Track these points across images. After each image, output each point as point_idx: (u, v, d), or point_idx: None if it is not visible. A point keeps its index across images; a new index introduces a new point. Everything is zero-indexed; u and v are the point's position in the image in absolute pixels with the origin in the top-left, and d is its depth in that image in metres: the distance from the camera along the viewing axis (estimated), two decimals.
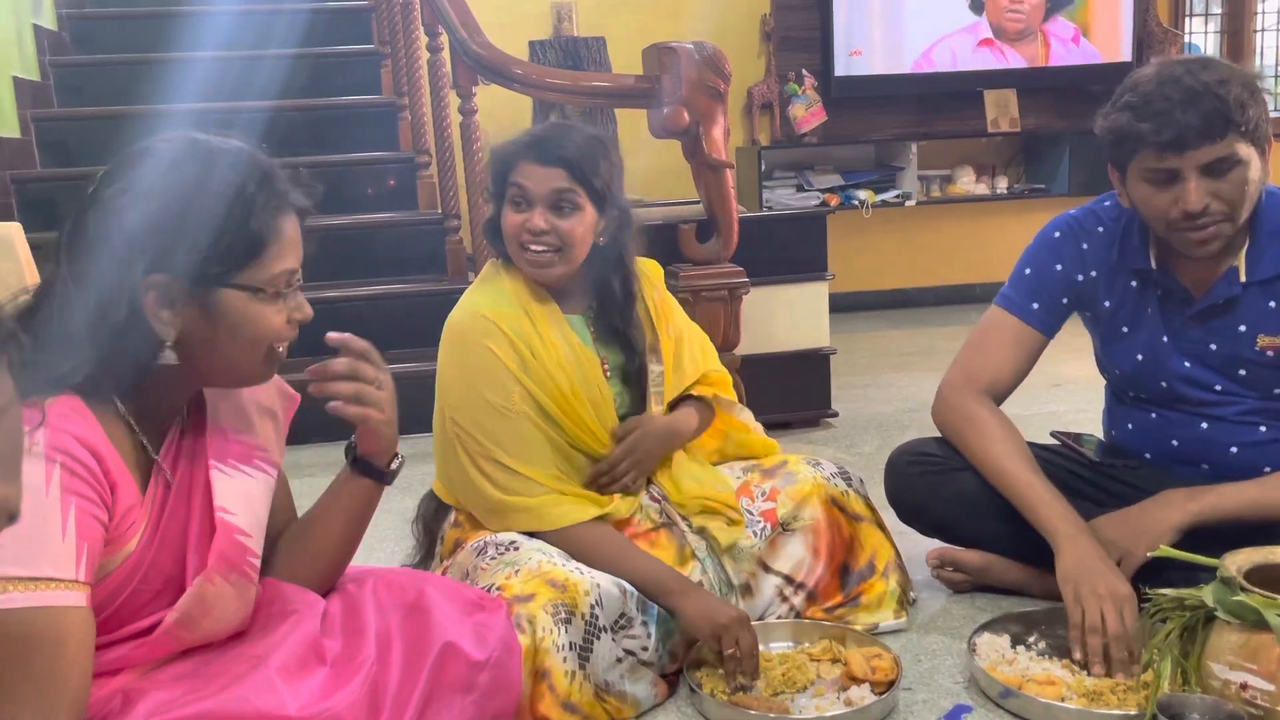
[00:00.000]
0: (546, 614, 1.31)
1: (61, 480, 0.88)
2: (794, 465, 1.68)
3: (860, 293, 5.14)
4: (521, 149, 1.54)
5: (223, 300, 0.99)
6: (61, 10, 4.06)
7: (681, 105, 2.67)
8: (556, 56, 4.59)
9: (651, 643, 1.44)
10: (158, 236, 0.95)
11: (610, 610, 1.38)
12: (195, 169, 0.98)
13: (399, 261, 3.46)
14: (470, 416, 1.49)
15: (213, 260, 0.97)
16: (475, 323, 1.52)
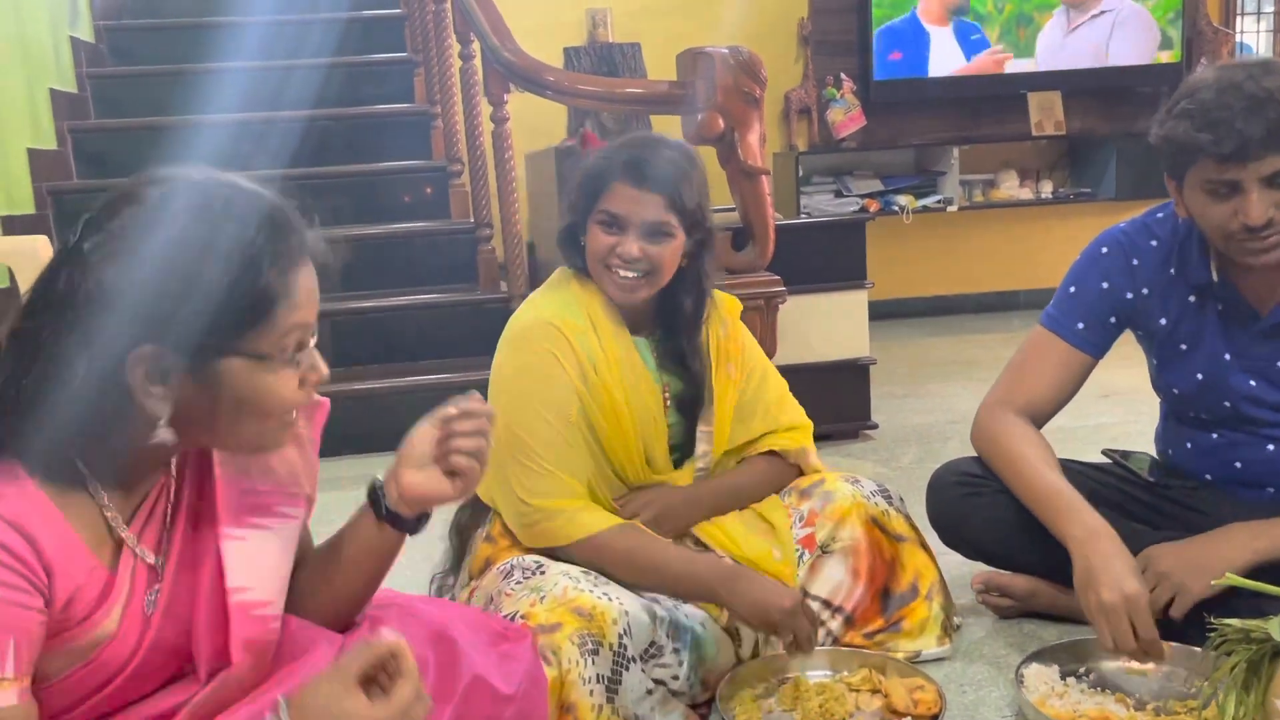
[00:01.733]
0: (573, 645, 1.25)
1: None
2: (831, 484, 1.61)
3: (900, 300, 5.05)
4: (617, 169, 1.45)
5: (224, 371, 0.84)
6: (99, 22, 4.09)
7: (716, 111, 2.62)
8: (591, 63, 4.56)
9: (683, 671, 1.38)
10: (146, 302, 0.81)
11: (639, 639, 1.32)
12: (190, 220, 0.83)
13: (431, 271, 3.43)
14: (521, 419, 1.43)
15: (212, 327, 0.82)
16: (541, 328, 1.46)
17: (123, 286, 0.81)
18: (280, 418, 0.90)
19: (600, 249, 1.46)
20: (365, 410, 3.12)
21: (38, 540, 0.81)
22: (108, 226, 0.83)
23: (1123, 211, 5.14)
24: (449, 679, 1.06)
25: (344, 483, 2.74)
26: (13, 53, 3.24)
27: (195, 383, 0.84)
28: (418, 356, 3.17)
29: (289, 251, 0.87)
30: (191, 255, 0.82)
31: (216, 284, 0.82)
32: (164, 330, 0.81)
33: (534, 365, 1.45)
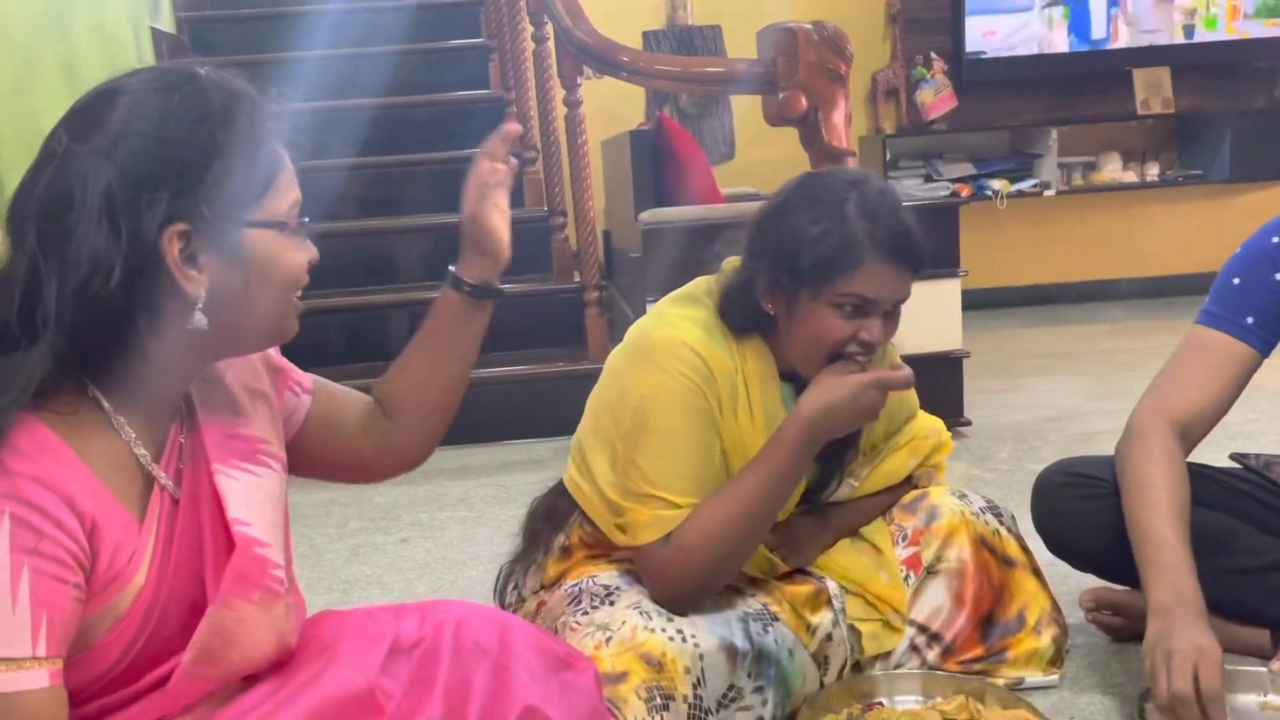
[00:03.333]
0: (640, 700, 1.13)
1: (11, 539, 0.73)
2: (936, 497, 1.46)
3: (994, 289, 4.82)
4: (873, 245, 1.21)
5: (250, 242, 0.85)
6: (180, 14, 4.12)
7: (798, 90, 2.49)
8: (670, 47, 4.45)
9: (769, 711, 1.26)
10: (169, 179, 0.80)
11: (715, 686, 1.20)
12: (187, 99, 0.83)
13: None
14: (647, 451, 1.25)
15: (232, 197, 0.83)
16: (684, 354, 1.26)
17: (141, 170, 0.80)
18: (296, 291, 0.91)
19: (836, 336, 1.23)
20: None
21: (75, 500, 0.77)
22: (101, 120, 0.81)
23: (1236, 195, 4.91)
24: (498, 706, 0.97)
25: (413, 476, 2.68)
26: (93, 43, 3.26)
27: (222, 258, 0.84)
28: (490, 348, 3.10)
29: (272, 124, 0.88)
30: (198, 132, 0.82)
31: (226, 157, 0.82)
32: (188, 206, 0.81)
33: (672, 395, 1.25)
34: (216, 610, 0.87)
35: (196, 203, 0.81)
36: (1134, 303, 4.90)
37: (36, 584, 0.74)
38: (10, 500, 0.73)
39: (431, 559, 2.07)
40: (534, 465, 2.64)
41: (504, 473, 2.62)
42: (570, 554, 1.40)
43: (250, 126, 0.85)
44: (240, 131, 0.83)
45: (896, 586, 1.40)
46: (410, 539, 2.19)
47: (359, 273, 3.36)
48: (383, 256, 3.42)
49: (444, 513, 2.35)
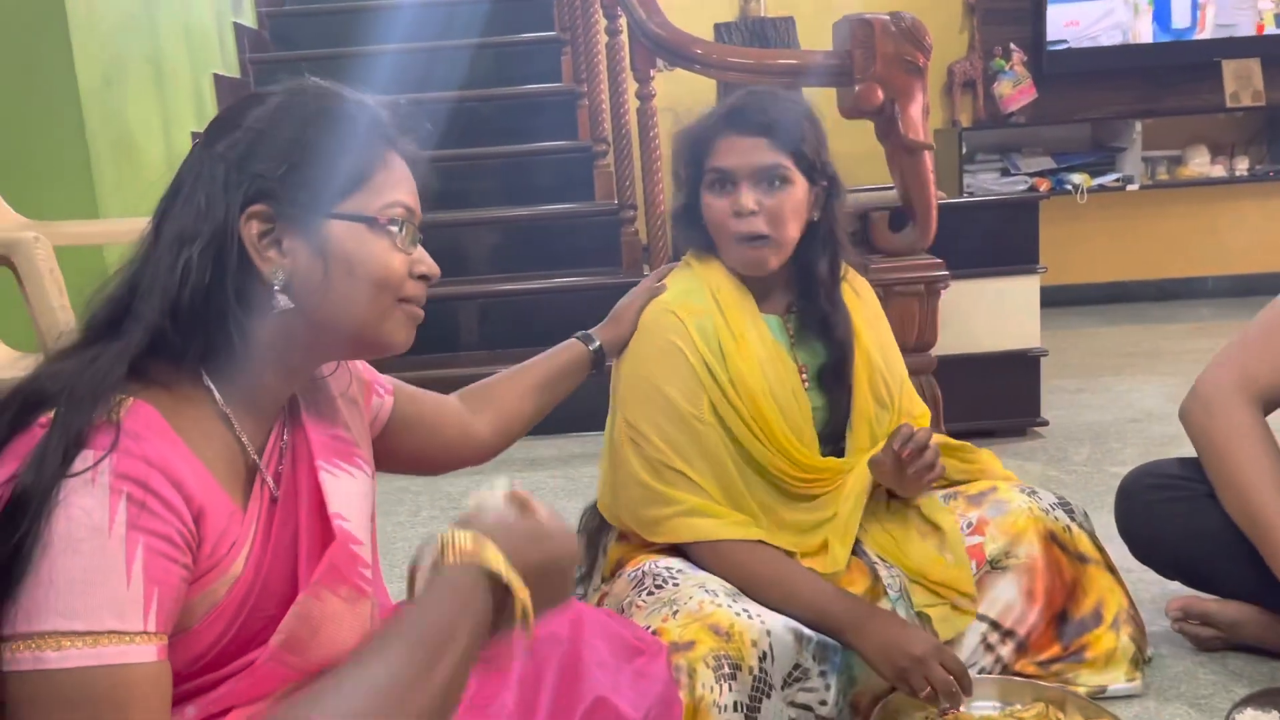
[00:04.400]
0: (708, 668, 1.14)
1: (128, 515, 0.74)
2: (1005, 493, 1.43)
3: (1073, 286, 4.71)
4: (718, 121, 1.37)
5: (331, 233, 0.86)
6: (261, 9, 4.20)
7: (875, 82, 2.45)
8: (743, 39, 4.41)
9: (831, 696, 1.25)
10: (256, 165, 0.84)
11: (783, 663, 1.20)
12: (295, 101, 0.88)
13: (574, 253, 3.37)
14: (641, 412, 1.34)
15: (317, 186, 0.85)
16: (662, 317, 1.37)
17: (234, 157, 0.85)
18: (393, 294, 0.90)
19: (717, 214, 1.36)
20: None
21: (184, 484, 0.78)
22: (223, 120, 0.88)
23: None
24: (569, 696, 0.98)
25: (483, 467, 2.71)
26: (178, 39, 3.34)
27: (306, 246, 0.86)
28: (559, 340, 3.12)
29: (382, 131, 0.90)
30: (294, 126, 0.86)
31: (316, 149, 0.86)
32: (272, 190, 0.84)
33: (653, 356, 1.36)
34: (306, 599, 0.87)
35: (283, 188, 0.84)
36: (1220, 301, 4.74)
37: (149, 561, 0.75)
38: (126, 481, 0.75)
39: None
40: (595, 458, 2.63)
41: (571, 465, 2.63)
42: (628, 540, 1.41)
43: (346, 124, 0.87)
44: (334, 128, 0.86)
45: (961, 565, 1.37)
46: None
47: None
48: (453, 249, 3.45)
49: None
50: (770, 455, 1.35)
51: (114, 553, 0.73)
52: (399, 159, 0.91)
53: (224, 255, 0.83)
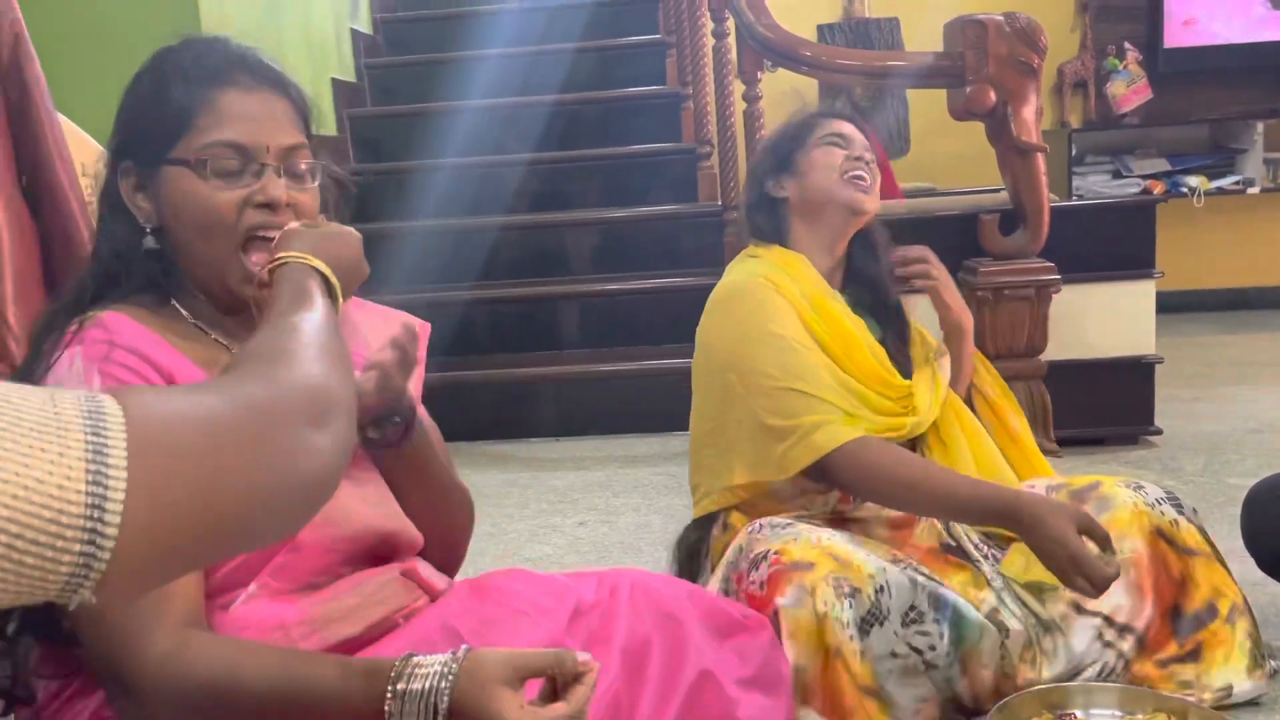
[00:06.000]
0: (828, 586, 1.19)
1: (103, 385, 0.84)
2: (1109, 488, 1.43)
3: (1189, 292, 4.55)
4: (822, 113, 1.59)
5: (165, 179, 0.93)
6: (376, 15, 4.34)
7: (987, 83, 2.43)
8: (846, 40, 4.38)
9: (943, 645, 1.26)
10: (120, 125, 0.96)
11: (899, 600, 1.24)
12: (152, 58, 0.97)
13: (676, 254, 3.41)
14: (758, 356, 1.41)
15: (148, 138, 0.93)
16: (754, 282, 1.48)
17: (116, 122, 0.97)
18: (227, 232, 0.92)
19: (836, 162, 1.51)
20: (608, 392, 3.14)
21: (151, 356, 0.89)
22: None
23: None
24: (674, 669, 1.01)
25: (588, 463, 2.77)
26: (299, 45, 3.48)
27: (155, 192, 0.94)
28: (659, 340, 3.15)
29: (203, 72, 0.93)
30: (133, 87, 0.96)
31: (141, 104, 0.95)
32: (128, 148, 0.95)
33: (749, 310, 1.45)
34: None
35: (131, 145, 0.95)
36: None
37: None
38: (98, 360, 0.86)
39: (609, 543, 2.13)
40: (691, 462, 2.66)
41: (674, 462, 2.66)
42: (733, 529, 1.45)
43: (161, 76, 0.94)
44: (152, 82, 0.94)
45: None
46: (587, 522, 2.26)
47: (531, 265, 3.46)
48: (554, 249, 3.52)
49: (618, 499, 2.40)
50: (869, 380, 1.46)
51: None
52: (233, 95, 0.93)
53: (117, 206, 0.95)
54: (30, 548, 0.46)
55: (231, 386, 0.61)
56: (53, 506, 0.47)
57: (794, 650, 1.18)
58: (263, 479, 0.56)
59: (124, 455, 0.49)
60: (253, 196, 0.92)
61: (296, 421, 0.60)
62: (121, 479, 0.49)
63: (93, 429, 0.49)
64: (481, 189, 3.52)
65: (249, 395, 0.60)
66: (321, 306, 0.78)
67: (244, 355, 0.69)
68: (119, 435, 0.50)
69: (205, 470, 0.53)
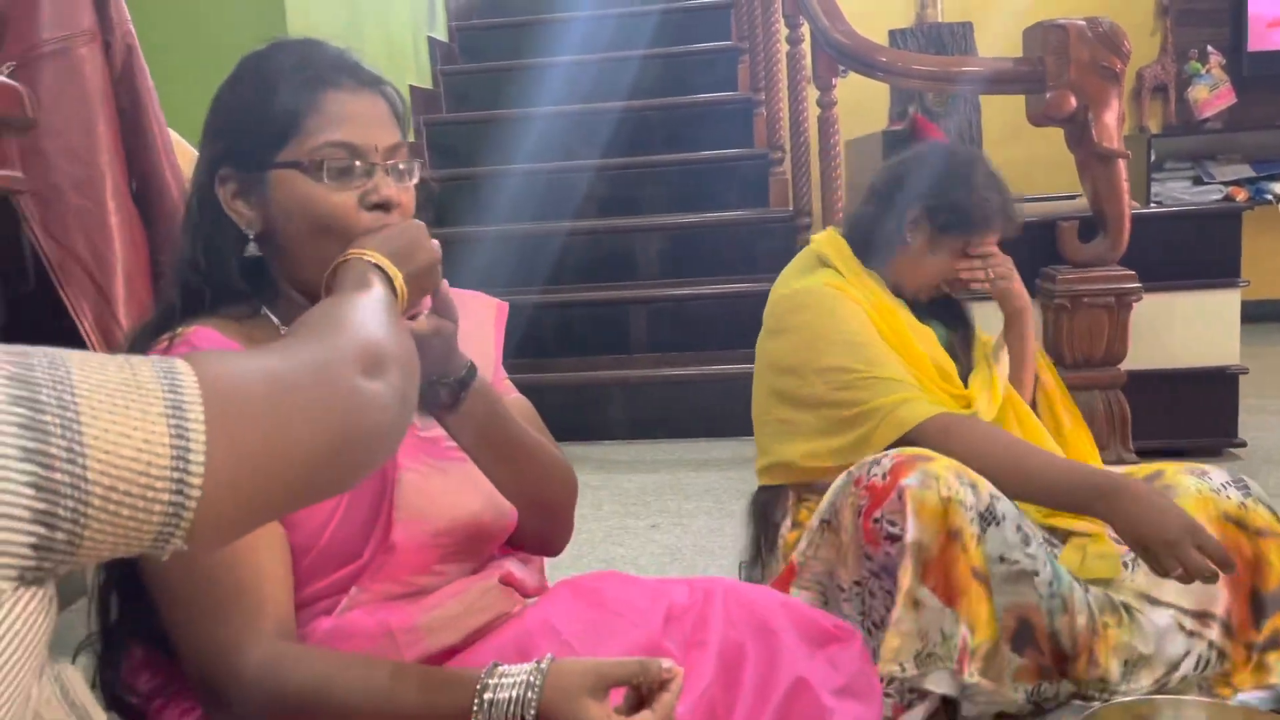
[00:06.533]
0: (951, 475, 1.23)
1: None
2: (1172, 477, 1.41)
3: (1273, 302, 4.43)
4: (1002, 218, 1.58)
5: (273, 183, 0.92)
6: (452, 23, 4.42)
7: (1067, 89, 2.40)
8: (919, 45, 4.36)
9: (1045, 575, 1.29)
10: (215, 133, 0.96)
11: (1011, 515, 1.27)
12: (245, 63, 0.96)
13: (747, 260, 3.41)
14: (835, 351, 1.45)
15: (254, 143, 0.92)
16: (816, 289, 1.51)
17: (208, 127, 0.97)
18: (339, 234, 0.91)
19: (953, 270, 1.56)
20: (679, 396, 3.16)
21: None
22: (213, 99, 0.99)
23: None
24: (768, 676, 1.01)
25: (658, 466, 2.79)
26: (379, 53, 3.56)
27: (261, 197, 0.93)
28: (731, 344, 3.16)
29: (309, 74, 0.93)
30: (233, 90, 0.95)
31: (247, 108, 0.93)
32: (228, 153, 0.94)
33: (829, 311, 1.48)
34: (401, 474, 0.95)
35: (234, 150, 0.94)
36: None
37: None
38: None
39: (682, 545, 2.14)
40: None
41: (746, 467, 2.64)
42: (803, 527, 1.45)
43: (264, 78, 0.93)
44: (254, 84, 0.93)
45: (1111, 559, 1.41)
46: (660, 525, 2.28)
47: (602, 269, 3.50)
48: (623, 254, 3.54)
49: (690, 503, 2.42)
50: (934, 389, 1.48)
51: None
52: (340, 96, 0.92)
53: (214, 214, 0.94)
54: (124, 499, 0.50)
55: (290, 346, 0.66)
56: (142, 459, 0.50)
57: (917, 528, 1.23)
58: (325, 427, 0.60)
59: (200, 411, 0.53)
60: (366, 196, 0.92)
61: (351, 372, 0.63)
62: (200, 432, 0.52)
63: (170, 387, 0.53)
64: (553, 194, 3.56)
65: (307, 352, 0.64)
66: (379, 291, 0.79)
67: (300, 322, 0.72)
68: (194, 393, 0.53)
69: (273, 422, 0.57)
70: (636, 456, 2.88)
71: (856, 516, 1.31)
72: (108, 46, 1.30)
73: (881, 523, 1.27)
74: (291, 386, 0.60)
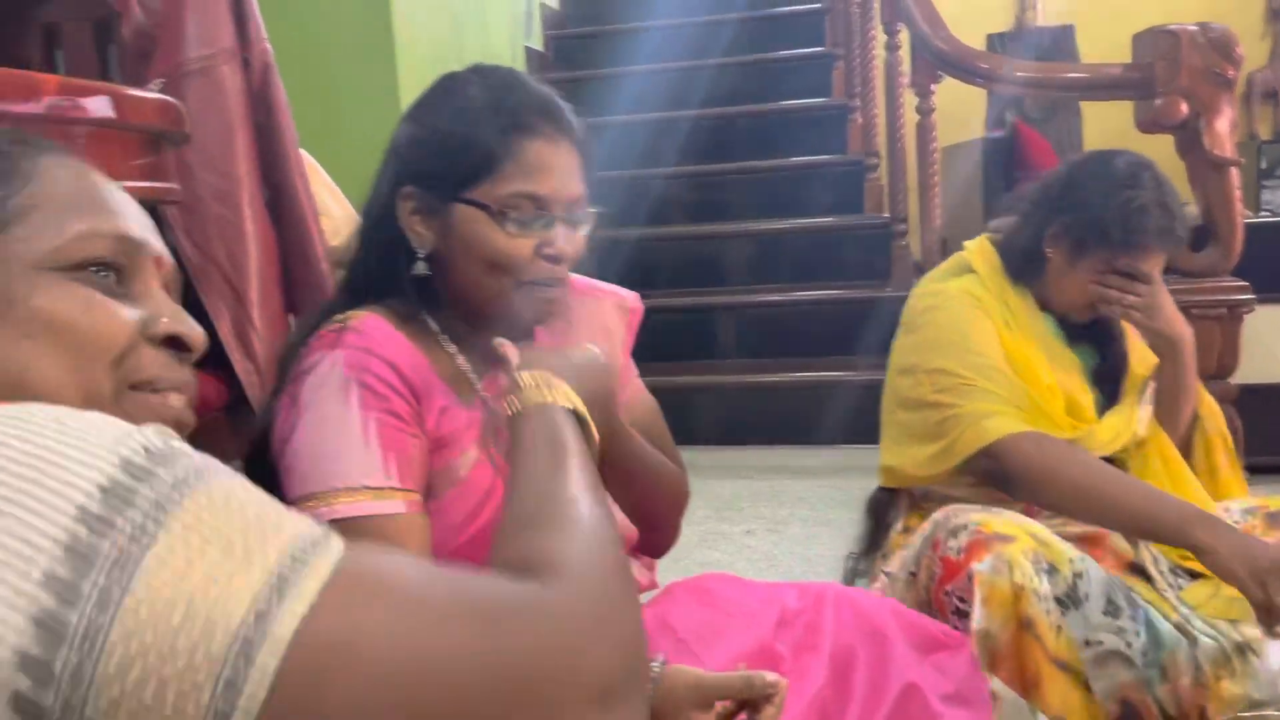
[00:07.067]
0: (1026, 559, 1.20)
1: (360, 398, 0.88)
2: None
3: None
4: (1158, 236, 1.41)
5: (457, 215, 0.94)
6: (548, 32, 4.49)
7: (1178, 95, 2.35)
8: (1018, 49, 4.29)
9: (1139, 642, 1.24)
10: (407, 150, 0.97)
11: (1095, 590, 1.23)
12: (448, 86, 0.97)
13: (840, 266, 3.40)
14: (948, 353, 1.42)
15: (446, 173, 0.93)
16: (955, 293, 1.47)
17: (399, 140, 0.98)
18: (511, 277, 0.93)
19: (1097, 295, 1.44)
20: (768, 403, 3.16)
21: (403, 370, 0.92)
22: (408, 114, 1.00)
23: None
24: (879, 681, 1.01)
25: (750, 472, 2.80)
26: None
27: (441, 223, 0.95)
28: (824, 351, 3.16)
29: (517, 119, 0.92)
30: (436, 114, 0.96)
31: (447, 137, 0.93)
32: (417, 174, 0.95)
33: (955, 315, 1.45)
34: None
35: (422, 172, 0.95)
36: None
37: (383, 432, 0.88)
38: (354, 369, 0.89)
39: (778, 552, 2.15)
40: (870, 471, 2.63)
41: (841, 475, 2.66)
42: (910, 534, 1.45)
43: (472, 114, 0.93)
44: (461, 118, 0.93)
45: None
46: (755, 531, 2.29)
47: (691, 274, 3.52)
48: (712, 260, 3.56)
49: (784, 510, 2.42)
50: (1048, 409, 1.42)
51: (353, 426, 0.88)
52: (538, 146, 0.92)
53: (390, 225, 0.96)
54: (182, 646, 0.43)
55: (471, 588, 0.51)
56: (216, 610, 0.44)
57: (985, 616, 1.20)
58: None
59: (315, 591, 0.46)
60: (541, 247, 0.93)
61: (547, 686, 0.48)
62: (301, 609, 0.45)
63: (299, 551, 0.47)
64: (643, 200, 3.60)
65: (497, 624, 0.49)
66: (580, 463, 0.70)
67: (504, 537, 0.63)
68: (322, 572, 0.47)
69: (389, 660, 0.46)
70: (728, 462, 2.89)
71: (931, 580, 1.30)
72: (246, 63, 1.37)
73: (952, 597, 1.26)
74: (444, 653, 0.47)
